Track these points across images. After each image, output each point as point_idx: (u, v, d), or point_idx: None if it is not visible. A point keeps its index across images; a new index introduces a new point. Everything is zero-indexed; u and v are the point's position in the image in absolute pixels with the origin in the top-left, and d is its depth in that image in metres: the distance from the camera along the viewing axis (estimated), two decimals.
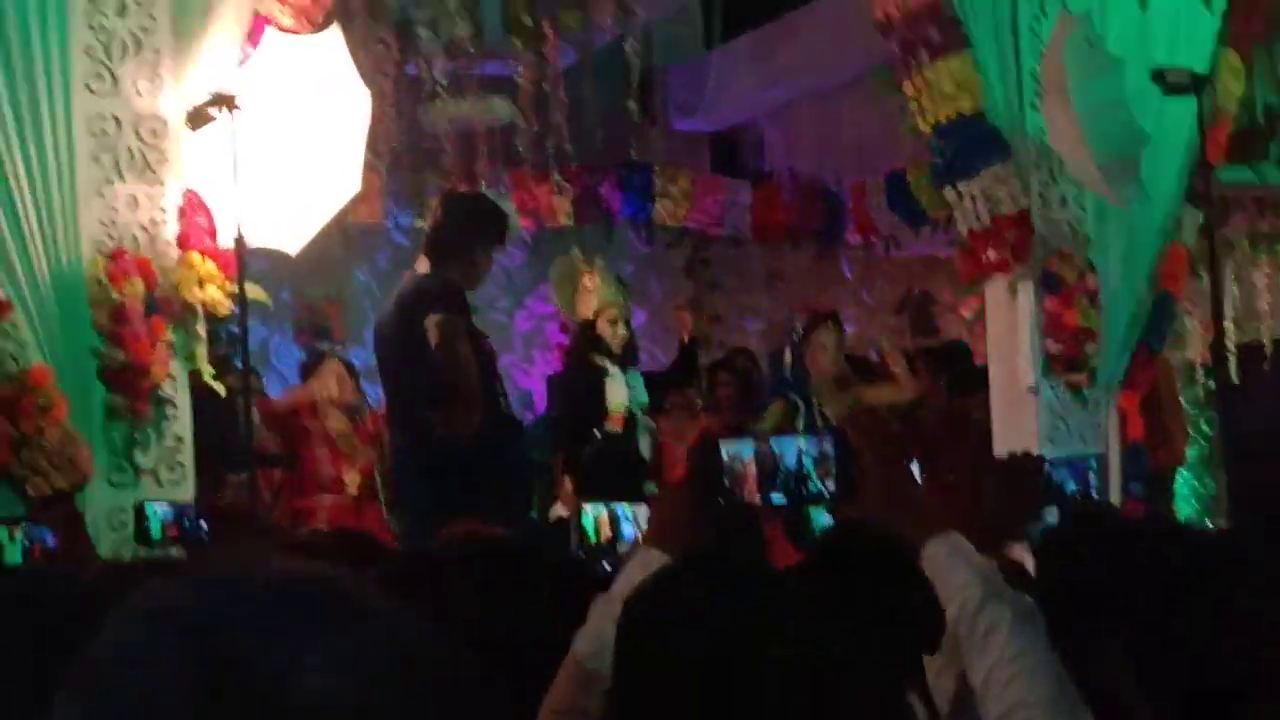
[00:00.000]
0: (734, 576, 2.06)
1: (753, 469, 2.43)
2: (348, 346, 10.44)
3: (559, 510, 7.54)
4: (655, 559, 2.47)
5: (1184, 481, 10.35)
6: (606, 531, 3.60)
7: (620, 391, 7.68)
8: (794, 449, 2.42)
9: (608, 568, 3.60)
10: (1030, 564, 3.41)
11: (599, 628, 2.37)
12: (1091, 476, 3.94)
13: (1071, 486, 3.89)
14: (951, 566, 2.35)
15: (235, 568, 1.11)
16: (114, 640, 1.09)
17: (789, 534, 3.33)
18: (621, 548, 3.62)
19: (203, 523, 4.60)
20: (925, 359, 10.55)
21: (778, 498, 2.47)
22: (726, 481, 2.47)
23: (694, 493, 2.49)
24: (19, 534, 4.36)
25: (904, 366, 9.32)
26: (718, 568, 2.09)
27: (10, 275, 6.55)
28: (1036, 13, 8.25)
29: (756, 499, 2.47)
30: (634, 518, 3.64)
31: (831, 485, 2.42)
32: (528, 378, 11.58)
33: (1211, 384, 11.04)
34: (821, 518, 3.32)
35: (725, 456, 2.47)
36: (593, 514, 3.64)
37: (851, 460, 2.40)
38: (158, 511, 4.70)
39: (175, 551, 4.82)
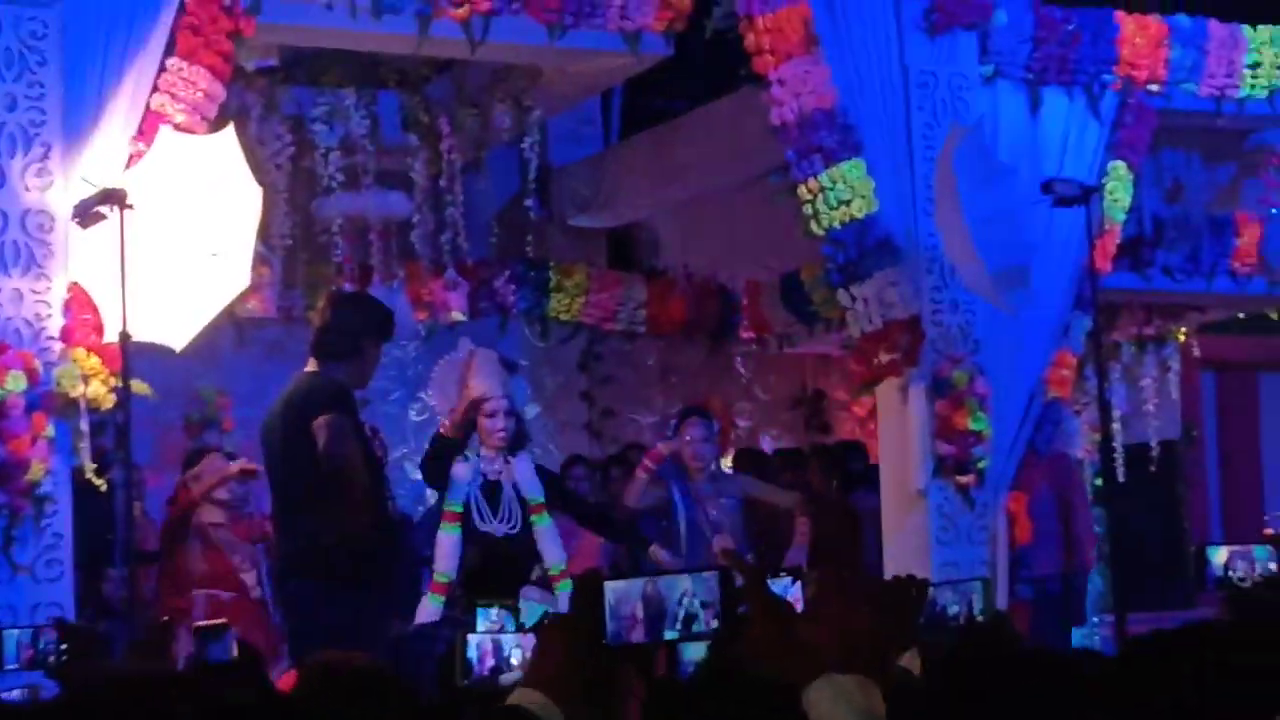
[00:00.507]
0: None
1: (640, 609, 2.40)
2: (236, 437, 10.34)
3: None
4: (532, 700, 2.43)
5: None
6: (490, 660, 3.52)
7: (461, 488, 7.46)
8: (679, 589, 2.39)
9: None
10: (916, 669, 3.41)
11: None
12: (976, 599, 3.94)
13: (955, 609, 3.90)
14: (834, 711, 2.32)
15: None
16: None
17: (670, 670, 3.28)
18: (508, 677, 3.52)
19: (59, 646, 4.48)
20: (819, 456, 10.62)
21: (670, 634, 2.43)
22: (611, 623, 2.43)
23: (575, 634, 2.44)
24: None
25: None
26: None
27: None
28: (929, 120, 8.37)
29: (643, 639, 2.43)
30: (522, 646, 3.55)
31: (716, 624, 2.39)
32: (419, 471, 11.49)
33: (1099, 482, 11.13)
34: (693, 651, 3.26)
35: (612, 597, 2.43)
36: (476, 642, 3.55)
37: (734, 600, 2.38)
38: (13, 635, 4.58)
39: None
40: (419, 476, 11.34)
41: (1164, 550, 12.27)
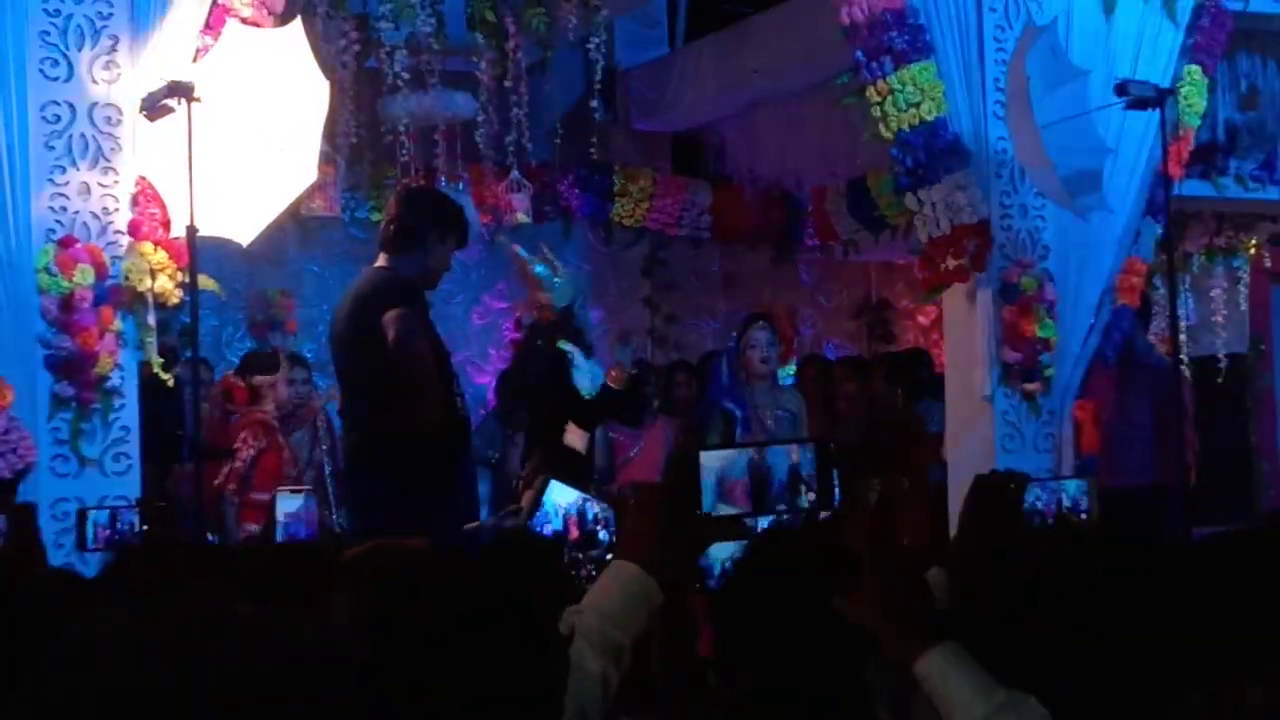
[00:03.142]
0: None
1: (745, 481, 2.37)
2: (300, 339, 10.38)
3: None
4: (629, 572, 2.41)
5: None
6: (574, 531, 3.47)
7: (585, 379, 7.57)
8: (786, 461, 2.36)
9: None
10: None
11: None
12: (1066, 499, 3.90)
13: (1042, 506, 3.85)
14: (953, 680, 2.25)
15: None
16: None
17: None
18: (595, 552, 3.47)
19: (140, 526, 4.53)
20: (884, 365, 10.56)
21: (781, 506, 2.40)
22: (717, 493, 2.40)
23: (670, 506, 2.42)
24: None
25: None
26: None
27: None
28: (1000, 22, 8.26)
29: (749, 509, 2.40)
30: (607, 521, 3.49)
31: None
32: (482, 374, 11.52)
33: None
34: (721, 552, 3.19)
35: (717, 466, 2.41)
36: (561, 510, 3.48)
37: (830, 472, 2.34)
38: (92, 516, 4.64)
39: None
40: (481, 380, 11.42)
41: (1230, 464, 12.14)
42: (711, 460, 2.40)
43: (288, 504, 5.35)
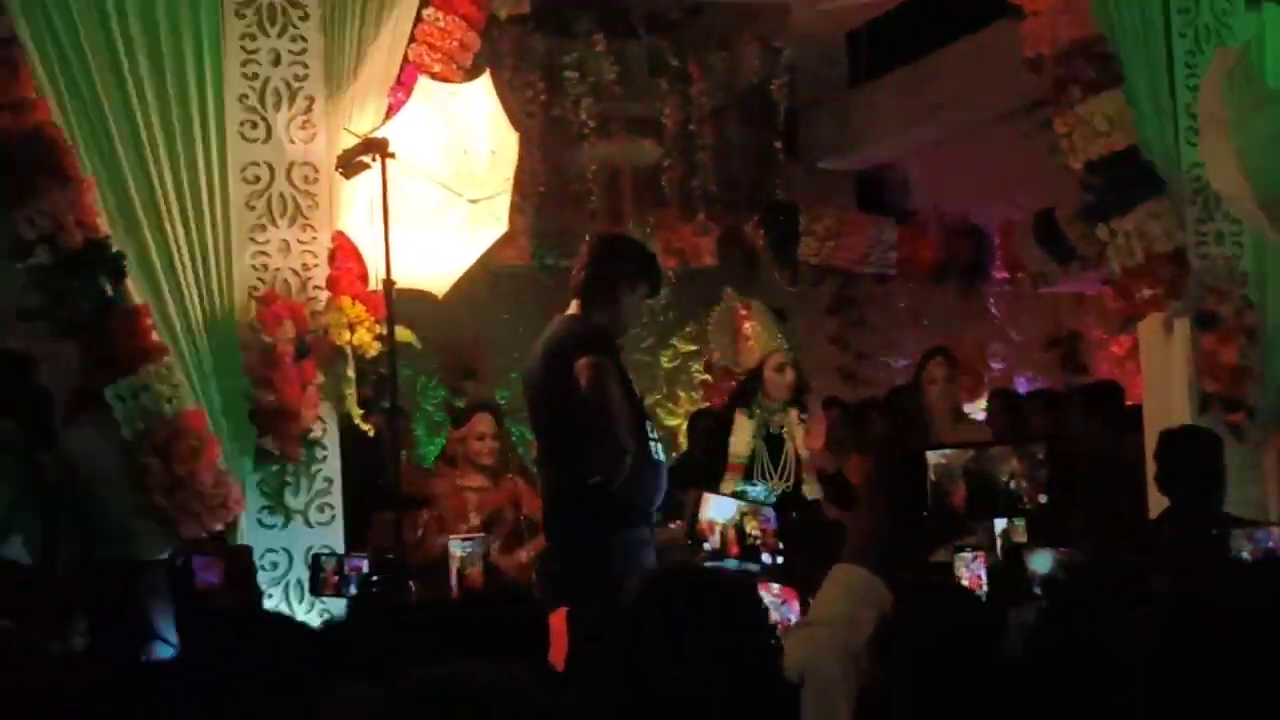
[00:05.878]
0: None
1: (963, 485, 2.38)
2: (493, 387, 10.49)
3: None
4: (855, 576, 2.42)
5: None
6: (734, 548, 3.44)
7: (745, 440, 7.56)
8: (1008, 467, 2.37)
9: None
10: None
11: (802, 655, 2.31)
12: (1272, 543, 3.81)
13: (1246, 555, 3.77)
14: None
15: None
16: None
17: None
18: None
19: (372, 576, 4.64)
20: (1078, 397, 10.39)
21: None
22: (931, 495, 2.42)
23: (894, 508, 2.43)
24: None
25: None
26: None
27: (165, 319, 6.64)
28: (1191, 47, 8.12)
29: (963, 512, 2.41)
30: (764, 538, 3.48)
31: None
32: (672, 416, 11.55)
33: None
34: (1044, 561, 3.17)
35: (933, 470, 2.42)
36: (718, 528, 3.48)
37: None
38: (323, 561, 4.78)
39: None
40: (670, 422, 11.46)
41: None
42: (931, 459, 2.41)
43: (461, 549, 5.44)
